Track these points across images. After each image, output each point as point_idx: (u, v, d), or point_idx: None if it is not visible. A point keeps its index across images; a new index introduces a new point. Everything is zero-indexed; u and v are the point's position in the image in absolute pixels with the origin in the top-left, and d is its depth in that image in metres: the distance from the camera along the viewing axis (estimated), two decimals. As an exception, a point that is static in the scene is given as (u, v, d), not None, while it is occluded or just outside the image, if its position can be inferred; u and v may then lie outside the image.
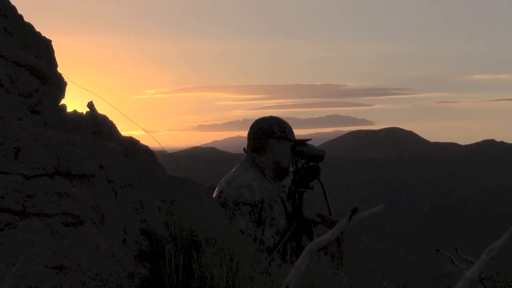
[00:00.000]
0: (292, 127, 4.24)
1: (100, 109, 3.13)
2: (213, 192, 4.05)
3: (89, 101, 3.10)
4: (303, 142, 4.19)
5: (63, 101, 3.11)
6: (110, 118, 3.16)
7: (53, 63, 3.17)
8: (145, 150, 3.24)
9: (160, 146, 3.56)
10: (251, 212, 3.91)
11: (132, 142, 3.18)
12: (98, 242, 2.40)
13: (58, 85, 3.10)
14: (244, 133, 4.34)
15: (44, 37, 3.20)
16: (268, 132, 4.14)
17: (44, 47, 3.16)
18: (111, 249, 2.45)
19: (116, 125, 3.17)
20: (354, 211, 1.56)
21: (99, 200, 2.55)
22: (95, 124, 3.00)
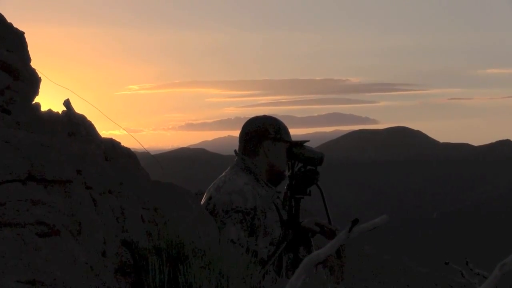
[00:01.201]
0: (289, 126, 4.25)
1: (78, 108, 3.14)
2: (201, 199, 4.06)
3: (66, 99, 3.11)
4: (300, 144, 4.20)
5: (36, 99, 3.12)
6: (89, 117, 3.17)
7: (26, 57, 3.18)
8: (127, 152, 3.25)
9: (143, 147, 3.57)
10: (243, 220, 3.92)
11: (112, 144, 3.18)
12: (75, 254, 2.41)
13: (32, 82, 3.11)
14: (236, 133, 4.36)
15: (17, 29, 3.21)
16: (261, 133, 4.15)
17: (16, 39, 3.17)
18: (89, 262, 2.45)
19: (95, 125, 3.18)
20: (355, 222, 1.57)
21: (76, 208, 2.56)
22: (72, 125, 3.01)
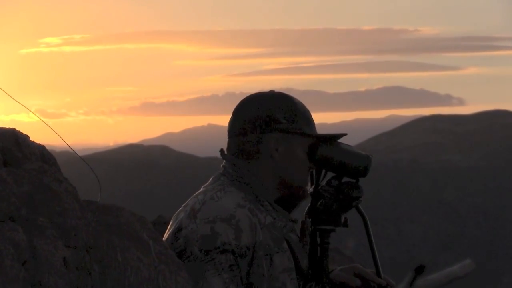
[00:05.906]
0: (314, 109, 4.26)
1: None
2: (165, 231, 4.08)
3: None
4: (331, 140, 4.21)
5: None
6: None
7: None
8: (40, 152, 3.27)
9: (66, 144, 3.59)
10: (234, 267, 3.94)
11: (15, 139, 3.20)
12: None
13: None
14: (223, 121, 4.38)
15: None
16: (265, 121, 4.17)
17: None
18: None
19: (-14, 107, 3.20)
20: (419, 270, 1.58)
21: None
22: None
